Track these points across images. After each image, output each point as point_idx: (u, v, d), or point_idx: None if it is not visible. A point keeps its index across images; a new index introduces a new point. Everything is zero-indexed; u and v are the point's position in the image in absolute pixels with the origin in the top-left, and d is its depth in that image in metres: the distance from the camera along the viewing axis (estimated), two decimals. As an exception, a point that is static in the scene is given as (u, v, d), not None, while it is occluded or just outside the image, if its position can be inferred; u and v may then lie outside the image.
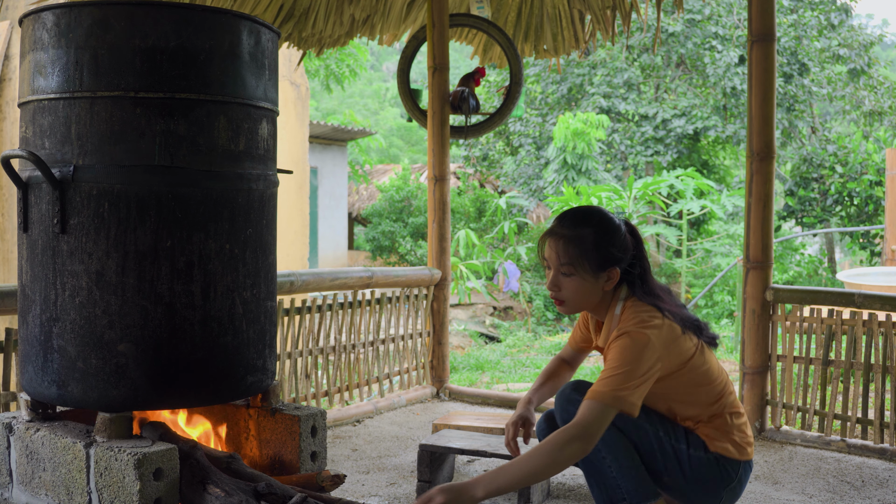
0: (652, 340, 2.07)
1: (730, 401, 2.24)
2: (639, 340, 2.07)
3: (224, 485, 2.00)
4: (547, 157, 14.49)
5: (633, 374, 2.04)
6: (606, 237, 2.18)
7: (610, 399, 2.02)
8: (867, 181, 12.28)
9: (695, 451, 2.19)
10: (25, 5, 5.43)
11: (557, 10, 5.08)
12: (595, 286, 2.19)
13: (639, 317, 2.13)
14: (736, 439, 2.21)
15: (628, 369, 2.05)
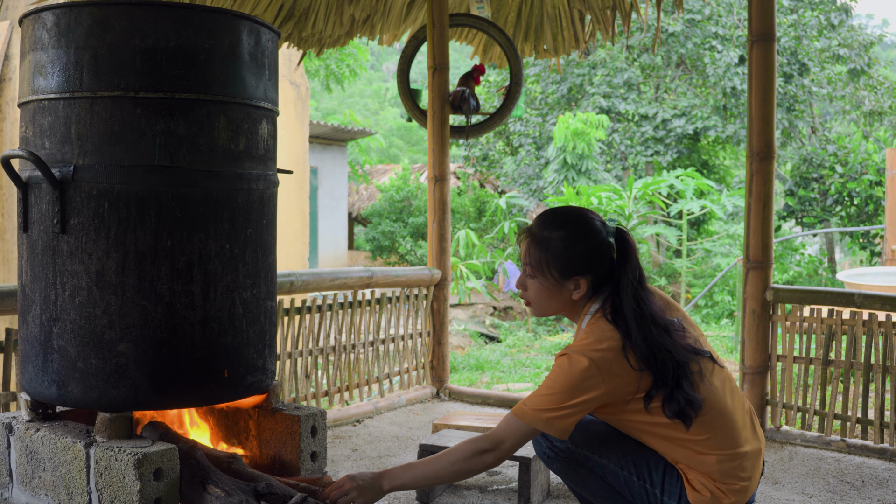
0: (592, 365, 1.87)
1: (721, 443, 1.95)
2: (577, 364, 1.88)
3: (224, 485, 2.00)
4: (547, 157, 14.49)
5: (563, 400, 1.88)
6: (574, 244, 2.00)
7: (532, 419, 1.90)
8: (867, 181, 12.28)
9: (668, 500, 1.99)
10: (25, 5, 5.43)
11: (557, 10, 5.08)
12: (558, 293, 2.03)
13: (593, 336, 1.93)
14: (722, 489, 1.95)
15: (559, 394, 1.88)
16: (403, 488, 1.99)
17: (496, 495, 2.85)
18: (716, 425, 1.95)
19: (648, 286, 2.05)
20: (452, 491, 2.90)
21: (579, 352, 1.90)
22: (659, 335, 1.94)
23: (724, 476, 1.94)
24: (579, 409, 1.89)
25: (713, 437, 1.95)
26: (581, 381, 1.87)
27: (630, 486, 2.05)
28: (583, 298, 2.04)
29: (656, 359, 1.91)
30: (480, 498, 2.83)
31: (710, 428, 1.94)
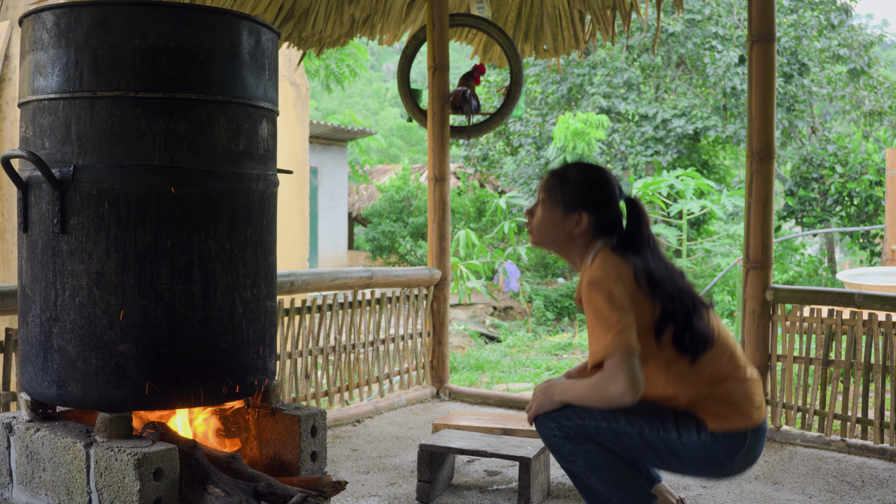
0: (607, 272, 2.05)
1: (728, 370, 2.11)
2: (596, 281, 2.06)
3: (224, 485, 2.00)
4: (547, 157, 14.48)
5: (616, 317, 2.01)
6: (588, 182, 2.20)
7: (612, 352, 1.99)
8: (867, 181, 12.28)
9: (687, 437, 2.10)
10: (25, 5, 5.43)
11: (557, 10, 5.08)
12: (562, 223, 2.20)
13: (604, 264, 2.10)
14: (742, 409, 2.10)
15: (609, 315, 2.01)
16: (564, 403, 2.14)
17: (496, 495, 2.85)
18: (724, 357, 2.12)
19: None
20: (452, 491, 2.90)
21: (597, 277, 2.06)
22: (670, 274, 2.12)
23: (742, 398, 2.10)
24: (629, 319, 2.02)
25: (722, 369, 2.11)
26: (616, 287, 2.03)
27: (646, 440, 2.12)
28: (583, 237, 2.20)
29: (668, 292, 2.07)
30: (480, 498, 2.83)
31: (718, 358, 2.11)
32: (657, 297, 2.07)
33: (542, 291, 12.03)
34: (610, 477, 2.16)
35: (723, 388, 2.11)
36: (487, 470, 3.15)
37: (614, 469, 2.17)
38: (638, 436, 2.13)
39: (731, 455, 2.11)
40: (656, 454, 2.14)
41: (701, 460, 2.13)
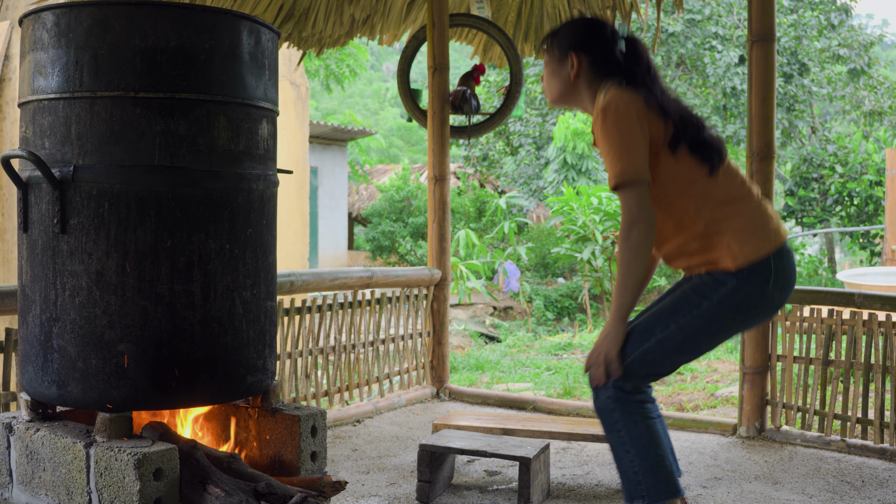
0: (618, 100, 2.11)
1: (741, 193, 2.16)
2: (608, 108, 2.10)
3: (224, 485, 2.00)
4: (547, 157, 14.49)
5: (629, 140, 2.08)
6: (575, 27, 2.30)
7: (629, 177, 2.07)
8: (867, 181, 12.28)
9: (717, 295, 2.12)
10: (25, 5, 5.43)
11: (557, 10, 5.08)
12: (558, 72, 2.28)
13: (612, 94, 2.14)
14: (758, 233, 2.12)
15: (623, 139, 2.08)
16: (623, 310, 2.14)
17: (496, 495, 2.85)
18: (736, 182, 2.18)
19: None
20: (452, 491, 2.90)
21: (607, 105, 2.11)
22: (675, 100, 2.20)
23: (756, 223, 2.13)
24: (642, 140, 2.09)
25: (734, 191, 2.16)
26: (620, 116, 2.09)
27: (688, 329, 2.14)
28: (584, 79, 2.25)
29: (679, 113, 2.16)
30: (480, 498, 2.83)
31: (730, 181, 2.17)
32: (669, 118, 2.14)
33: (542, 291, 12.03)
34: (647, 457, 2.16)
35: (736, 211, 2.14)
36: (487, 470, 3.16)
37: (652, 450, 2.16)
38: (679, 331, 2.14)
39: (762, 286, 2.10)
40: (707, 334, 2.15)
41: (742, 308, 2.12)
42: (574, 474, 3.13)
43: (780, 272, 2.13)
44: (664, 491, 2.15)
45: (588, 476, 3.11)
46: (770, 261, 2.11)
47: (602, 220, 6.49)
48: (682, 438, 3.63)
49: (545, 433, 3.09)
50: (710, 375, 5.68)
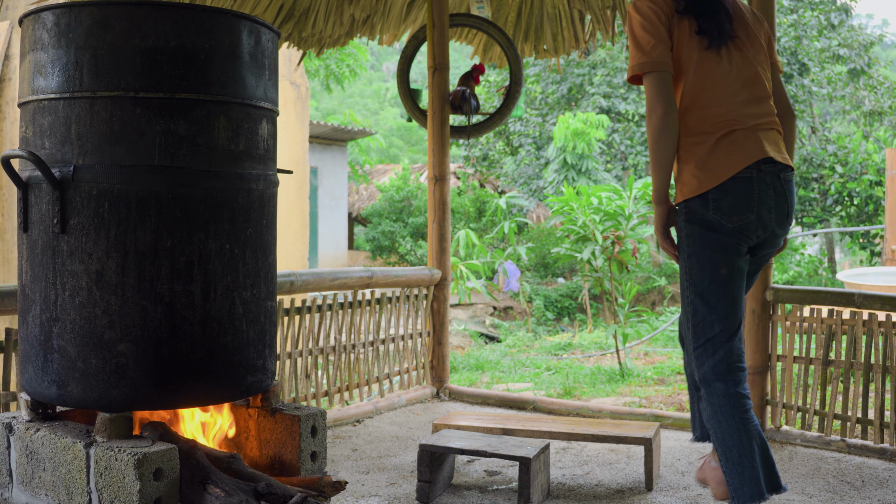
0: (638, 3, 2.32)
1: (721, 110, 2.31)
2: (628, 12, 2.35)
3: (224, 485, 2.00)
4: (547, 157, 14.49)
5: (637, 39, 2.30)
6: None
7: (640, 69, 2.29)
8: (867, 181, 12.28)
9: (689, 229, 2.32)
10: (25, 5, 5.43)
11: (557, 10, 5.08)
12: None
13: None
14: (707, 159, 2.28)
15: (642, 35, 2.30)
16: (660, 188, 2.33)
17: (496, 495, 2.85)
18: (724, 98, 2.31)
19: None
20: (452, 491, 2.90)
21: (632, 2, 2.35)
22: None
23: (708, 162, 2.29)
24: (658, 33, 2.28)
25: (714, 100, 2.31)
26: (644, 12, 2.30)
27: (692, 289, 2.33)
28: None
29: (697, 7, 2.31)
30: (480, 498, 2.83)
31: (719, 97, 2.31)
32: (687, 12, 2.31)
33: (542, 291, 12.03)
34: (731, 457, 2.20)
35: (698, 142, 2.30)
36: (487, 470, 3.15)
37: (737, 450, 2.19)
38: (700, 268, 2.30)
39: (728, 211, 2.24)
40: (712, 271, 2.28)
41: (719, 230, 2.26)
42: (574, 474, 3.13)
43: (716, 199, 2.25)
44: (749, 494, 2.15)
45: (588, 476, 3.11)
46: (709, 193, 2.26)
47: (602, 220, 6.50)
48: (683, 438, 3.63)
49: (545, 433, 3.09)
50: (710, 375, 5.66)
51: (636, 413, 3.96)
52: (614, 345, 6.28)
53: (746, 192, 2.24)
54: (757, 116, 2.32)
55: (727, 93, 2.32)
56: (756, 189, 2.24)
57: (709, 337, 2.28)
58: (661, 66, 2.27)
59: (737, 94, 2.32)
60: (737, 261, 2.29)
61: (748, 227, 2.26)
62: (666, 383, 5.49)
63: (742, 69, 2.34)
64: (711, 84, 2.31)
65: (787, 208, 2.34)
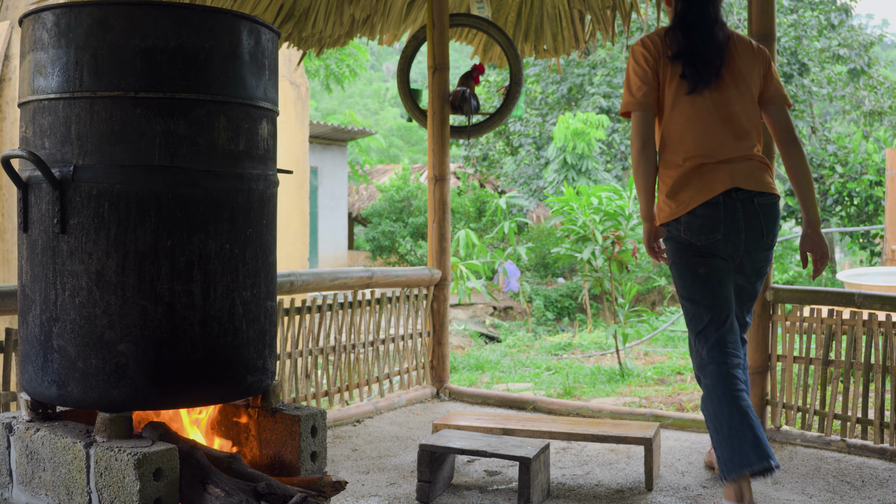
0: (632, 49, 2.69)
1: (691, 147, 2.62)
2: (632, 51, 2.69)
3: (224, 485, 2.00)
4: (547, 157, 14.49)
5: (629, 80, 2.69)
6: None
7: (626, 108, 2.68)
8: (867, 181, 12.28)
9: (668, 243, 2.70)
10: (25, 5, 5.43)
11: (557, 10, 5.08)
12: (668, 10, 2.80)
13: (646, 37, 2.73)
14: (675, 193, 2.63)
15: (631, 79, 2.68)
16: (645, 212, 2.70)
17: (496, 495, 2.85)
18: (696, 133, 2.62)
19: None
20: (452, 491, 2.90)
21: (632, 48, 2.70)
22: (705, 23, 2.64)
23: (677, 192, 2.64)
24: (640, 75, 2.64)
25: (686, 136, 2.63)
26: (631, 62, 2.68)
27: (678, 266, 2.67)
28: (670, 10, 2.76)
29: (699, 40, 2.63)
30: (480, 498, 2.83)
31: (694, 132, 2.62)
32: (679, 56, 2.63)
33: (542, 291, 12.03)
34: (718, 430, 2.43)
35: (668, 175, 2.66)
36: (487, 470, 3.16)
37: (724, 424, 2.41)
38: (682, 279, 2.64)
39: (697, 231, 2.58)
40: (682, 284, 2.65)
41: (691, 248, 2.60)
42: (574, 474, 3.13)
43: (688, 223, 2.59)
44: (736, 464, 2.34)
45: (588, 476, 3.11)
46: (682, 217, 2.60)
47: (602, 220, 6.50)
48: (683, 438, 3.63)
49: (545, 433, 3.09)
50: (710, 375, 5.67)
51: (636, 413, 3.96)
52: (614, 345, 6.28)
53: (714, 216, 2.55)
54: (729, 151, 2.59)
55: (701, 131, 2.61)
56: (722, 214, 2.55)
57: (700, 328, 2.58)
58: (644, 106, 2.63)
59: (711, 131, 2.60)
60: (713, 262, 2.58)
61: (717, 246, 2.57)
62: (666, 383, 5.49)
63: (720, 109, 2.61)
64: (688, 123, 2.61)
65: (762, 228, 2.60)
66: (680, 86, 2.62)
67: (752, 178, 2.58)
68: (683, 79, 2.61)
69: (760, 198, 2.59)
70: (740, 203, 2.55)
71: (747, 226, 2.56)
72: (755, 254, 2.62)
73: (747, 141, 2.63)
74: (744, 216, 2.55)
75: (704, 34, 2.63)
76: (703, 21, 2.65)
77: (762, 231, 2.59)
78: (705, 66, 2.60)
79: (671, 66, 2.63)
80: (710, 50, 2.61)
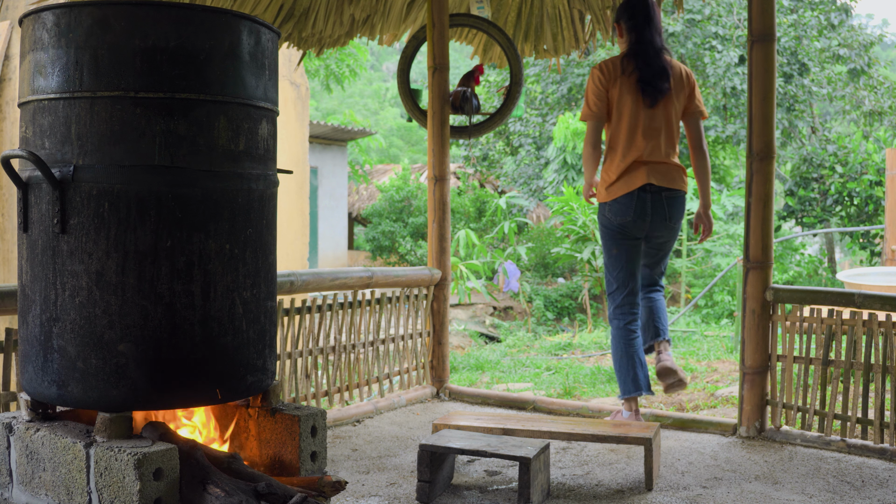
0: (594, 71, 3.50)
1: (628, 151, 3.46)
2: (591, 72, 3.52)
3: (224, 485, 2.00)
4: (547, 157, 14.49)
5: (588, 96, 3.50)
6: (620, 6, 3.57)
7: (584, 117, 3.54)
8: (867, 181, 12.28)
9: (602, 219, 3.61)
10: (25, 5, 5.43)
11: (557, 10, 5.08)
12: (619, 38, 3.59)
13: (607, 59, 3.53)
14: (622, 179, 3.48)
15: (586, 95, 3.50)
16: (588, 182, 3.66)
17: (496, 495, 2.86)
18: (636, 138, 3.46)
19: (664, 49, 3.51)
20: (452, 491, 2.90)
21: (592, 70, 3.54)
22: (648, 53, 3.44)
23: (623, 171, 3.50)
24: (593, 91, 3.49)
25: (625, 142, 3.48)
26: (595, 79, 3.50)
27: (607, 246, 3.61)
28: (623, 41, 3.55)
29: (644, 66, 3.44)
30: (480, 498, 2.83)
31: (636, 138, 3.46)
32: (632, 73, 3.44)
33: (542, 291, 12.03)
34: (616, 358, 3.61)
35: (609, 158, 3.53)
36: (487, 470, 3.16)
37: (620, 354, 3.57)
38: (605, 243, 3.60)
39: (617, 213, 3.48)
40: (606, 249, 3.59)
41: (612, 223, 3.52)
42: (574, 474, 3.13)
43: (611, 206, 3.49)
44: (628, 388, 3.56)
45: (588, 476, 3.11)
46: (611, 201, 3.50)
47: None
48: (683, 438, 3.63)
49: (545, 433, 3.09)
50: (710, 375, 5.68)
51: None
52: (614, 345, 6.26)
53: (628, 204, 3.43)
54: (652, 155, 3.43)
55: (634, 137, 3.42)
56: (635, 203, 3.42)
57: (611, 291, 3.60)
58: (596, 117, 3.49)
59: (641, 140, 3.41)
60: (624, 243, 3.52)
61: (627, 226, 3.48)
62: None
63: (651, 123, 3.42)
64: (627, 132, 3.44)
65: (665, 213, 3.47)
66: (625, 101, 3.42)
67: (665, 178, 3.42)
68: (639, 96, 3.40)
69: (668, 192, 3.45)
70: (650, 195, 3.41)
71: (653, 212, 3.42)
72: (659, 232, 3.50)
73: (667, 149, 3.45)
74: (651, 205, 3.42)
75: (654, 62, 3.40)
76: (653, 50, 3.42)
77: (666, 216, 3.46)
78: (658, 87, 3.38)
79: (622, 87, 3.42)
80: (660, 74, 3.39)
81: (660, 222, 3.45)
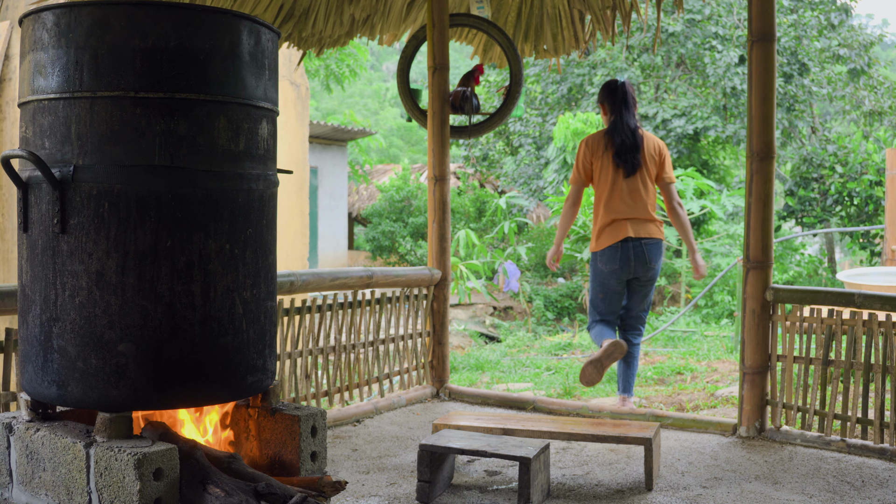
0: (582, 143, 4.16)
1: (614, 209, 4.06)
2: (578, 147, 4.18)
3: (224, 485, 2.00)
4: (547, 157, 14.48)
5: (577, 163, 4.17)
6: (602, 88, 4.19)
7: (571, 182, 4.20)
8: (867, 181, 12.28)
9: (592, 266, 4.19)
10: (25, 5, 5.43)
11: (557, 10, 5.08)
12: (603, 117, 4.20)
13: (594, 133, 4.14)
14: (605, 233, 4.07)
15: (575, 163, 4.15)
16: (559, 241, 4.35)
17: (496, 495, 2.86)
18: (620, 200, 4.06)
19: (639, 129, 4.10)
20: (452, 491, 2.90)
21: (580, 143, 4.20)
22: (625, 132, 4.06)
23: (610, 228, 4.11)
24: (586, 163, 4.14)
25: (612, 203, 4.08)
26: (583, 149, 4.15)
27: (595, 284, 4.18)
28: (606, 119, 4.18)
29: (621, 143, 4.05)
30: (480, 498, 2.83)
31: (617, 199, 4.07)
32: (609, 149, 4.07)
33: (542, 291, 12.03)
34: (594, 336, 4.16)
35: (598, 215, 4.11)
36: (487, 470, 3.16)
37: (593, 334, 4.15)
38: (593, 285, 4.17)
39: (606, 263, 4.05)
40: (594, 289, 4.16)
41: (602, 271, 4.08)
42: (574, 474, 3.13)
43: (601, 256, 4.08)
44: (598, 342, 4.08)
45: (588, 476, 3.11)
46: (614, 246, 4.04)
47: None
48: (683, 438, 3.63)
49: (545, 433, 3.09)
50: (711, 375, 5.68)
51: (636, 413, 3.96)
52: (614, 345, 6.26)
53: (614, 254, 4.03)
54: (630, 213, 4.02)
55: (616, 199, 4.03)
56: (620, 253, 4.01)
57: (594, 319, 4.16)
58: (580, 182, 4.17)
59: (621, 200, 4.02)
60: (610, 286, 4.09)
61: (615, 272, 4.05)
62: (666, 383, 5.49)
63: (630, 186, 4.02)
64: (610, 194, 4.04)
65: (646, 258, 4.01)
66: (607, 170, 4.05)
67: (643, 230, 4.03)
68: (618, 167, 4.02)
69: (647, 241, 4.03)
70: (632, 245, 4.00)
71: (636, 258, 4.01)
72: (642, 274, 4.05)
73: (644, 207, 4.04)
74: (633, 254, 4.00)
75: (628, 140, 4.02)
76: (629, 129, 4.05)
77: (646, 259, 4.02)
78: (632, 161, 4.02)
79: (604, 158, 4.05)
80: (632, 150, 4.02)
81: (641, 265, 4.02)
